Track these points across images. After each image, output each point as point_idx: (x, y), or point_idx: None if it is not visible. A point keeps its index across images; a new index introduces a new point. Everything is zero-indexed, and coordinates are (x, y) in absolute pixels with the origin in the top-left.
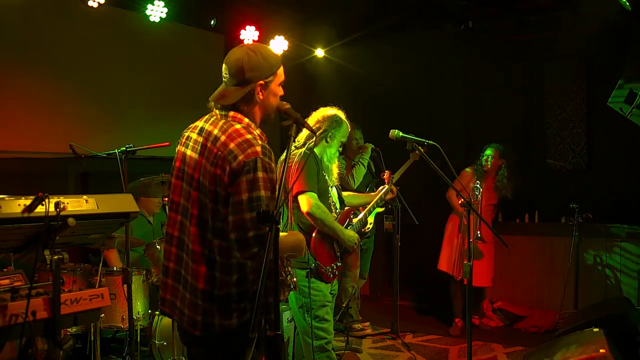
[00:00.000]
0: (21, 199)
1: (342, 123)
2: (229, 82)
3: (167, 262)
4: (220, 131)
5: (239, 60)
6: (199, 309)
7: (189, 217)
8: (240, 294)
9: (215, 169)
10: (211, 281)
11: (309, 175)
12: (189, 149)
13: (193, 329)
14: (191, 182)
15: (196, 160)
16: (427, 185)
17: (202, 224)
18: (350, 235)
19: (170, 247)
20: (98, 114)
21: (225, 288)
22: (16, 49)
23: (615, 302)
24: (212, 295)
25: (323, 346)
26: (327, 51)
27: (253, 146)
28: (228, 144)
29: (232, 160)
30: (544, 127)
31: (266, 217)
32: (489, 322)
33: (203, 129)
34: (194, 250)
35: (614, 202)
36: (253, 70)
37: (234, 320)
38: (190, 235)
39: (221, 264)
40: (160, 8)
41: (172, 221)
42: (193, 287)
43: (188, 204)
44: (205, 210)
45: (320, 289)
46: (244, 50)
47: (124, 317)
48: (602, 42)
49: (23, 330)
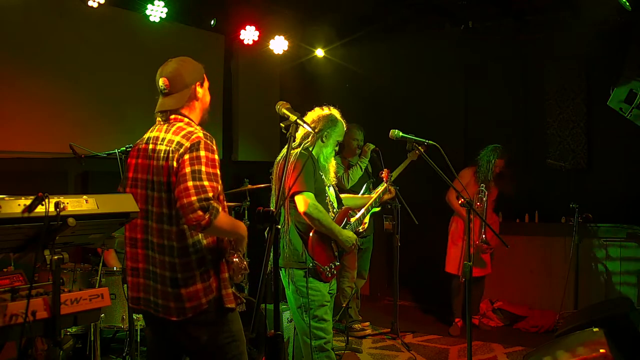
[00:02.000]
0: (21, 199)
1: (338, 122)
2: (169, 92)
3: (136, 264)
4: (165, 132)
5: (176, 69)
6: (170, 296)
7: (150, 216)
8: (203, 274)
9: (167, 162)
10: (173, 267)
11: (306, 175)
12: (139, 159)
13: (169, 315)
14: (147, 185)
15: (147, 164)
16: (426, 185)
17: (161, 218)
18: (347, 236)
19: (135, 249)
20: (98, 114)
21: (187, 271)
22: (16, 49)
23: (615, 302)
24: (177, 280)
25: (322, 346)
26: (327, 51)
27: (196, 133)
28: (174, 139)
29: (179, 148)
30: (544, 127)
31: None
32: (489, 322)
33: (150, 138)
34: (157, 243)
35: (614, 202)
36: (190, 74)
37: (202, 300)
38: (153, 231)
39: (179, 249)
40: (160, 8)
41: (133, 226)
42: (162, 277)
43: (147, 205)
44: (163, 204)
45: (319, 288)
46: (175, 62)
47: (124, 317)
48: (602, 42)
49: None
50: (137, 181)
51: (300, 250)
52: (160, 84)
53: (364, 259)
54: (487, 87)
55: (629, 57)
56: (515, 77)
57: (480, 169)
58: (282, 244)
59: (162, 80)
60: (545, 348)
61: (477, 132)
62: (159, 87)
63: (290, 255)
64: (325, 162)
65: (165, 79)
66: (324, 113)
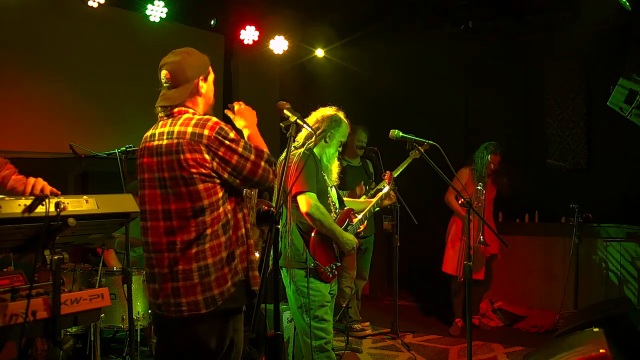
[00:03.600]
0: (21, 199)
1: (342, 123)
2: (172, 85)
3: (152, 269)
4: (171, 126)
5: (178, 62)
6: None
7: (167, 215)
8: (229, 257)
9: (183, 155)
10: (202, 255)
11: (308, 175)
12: (144, 158)
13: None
14: (158, 183)
15: (155, 161)
16: (426, 185)
17: (183, 214)
18: (348, 238)
19: (149, 254)
20: (98, 114)
21: (216, 255)
22: (16, 49)
23: (615, 302)
24: (207, 267)
25: (322, 346)
26: (327, 51)
27: (209, 120)
28: (186, 130)
29: (200, 139)
30: (544, 127)
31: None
32: (489, 322)
33: (154, 134)
34: (178, 240)
35: (614, 202)
36: (193, 68)
37: (229, 283)
38: (173, 229)
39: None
40: (160, 8)
41: (143, 230)
42: (185, 272)
43: (162, 205)
44: (184, 198)
45: (319, 289)
46: (178, 54)
47: (124, 317)
48: (602, 42)
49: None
50: (146, 181)
51: (301, 250)
52: (162, 76)
53: (364, 260)
54: (487, 87)
55: (629, 57)
56: (515, 77)
57: (476, 167)
58: (283, 244)
59: (164, 72)
60: (545, 348)
61: (477, 132)
62: (160, 80)
63: (292, 255)
64: (328, 163)
65: (166, 71)
66: (328, 113)
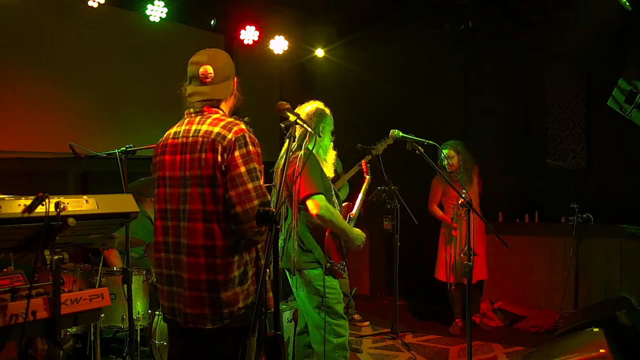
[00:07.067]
0: (21, 199)
1: (326, 113)
2: (212, 81)
3: (160, 269)
4: (199, 124)
5: (221, 59)
6: (205, 302)
7: (184, 215)
8: (242, 276)
9: (205, 155)
10: (213, 269)
11: (314, 176)
12: (167, 155)
13: (201, 324)
14: (180, 182)
15: (181, 159)
16: (426, 185)
17: (200, 216)
18: (358, 234)
19: (160, 253)
20: (98, 113)
21: (227, 272)
22: (16, 49)
23: (615, 302)
24: (216, 283)
25: (344, 344)
26: (327, 51)
27: (237, 125)
28: (212, 130)
29: (222, 140)
30: (544, 127)
31: (266, 217)
32: (489, 322)
33: (179, 132)
34: (194, 244)
35: (613, 202)
36: (231, 67)
37: (240, 304)
38: (186, 231)
39: (222, 248)
40: (160, 8)
41: (161, 229)
42: (193, 282)
43: (180, 205)
44: (205, 200)
45: (334, 286)
46: (216, 52)
47: (124, 317)
48: (602, 42)
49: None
50: (166, 179)
51: (316, 250)
52: (201, 71)
53: None
54: (487, 87)
55: (629, 57)
56: (515, 77)
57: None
58: (289, 247)
59: (204, 67)
60: (545, 348)
61: (477, 132)
62: (194, 75)
63: (304, 256)
64: (325, 155)
65: (209, 66)
66: (311, 110)
